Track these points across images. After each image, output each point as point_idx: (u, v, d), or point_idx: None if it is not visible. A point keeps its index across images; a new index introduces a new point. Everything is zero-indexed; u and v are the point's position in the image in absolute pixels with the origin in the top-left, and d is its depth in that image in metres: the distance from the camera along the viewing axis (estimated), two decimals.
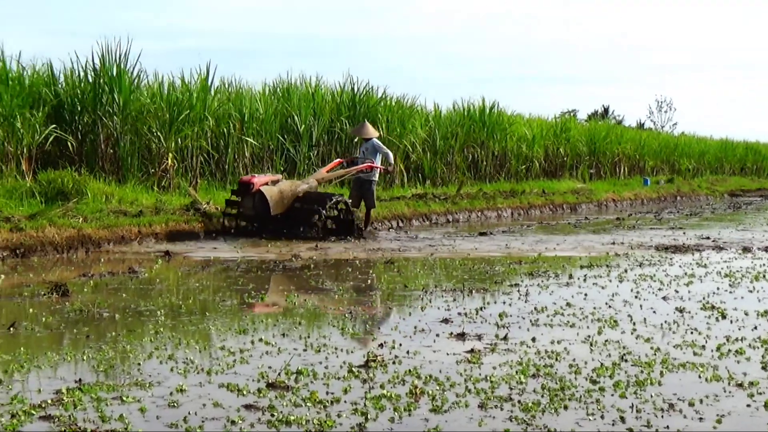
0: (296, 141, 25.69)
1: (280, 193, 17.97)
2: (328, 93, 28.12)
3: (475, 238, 19.43)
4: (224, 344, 8.22)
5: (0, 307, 10.19)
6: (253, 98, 25.09)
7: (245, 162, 24.10)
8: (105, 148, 20.87)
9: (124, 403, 6.29)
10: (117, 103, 20.88)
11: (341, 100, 27.65)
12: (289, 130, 25.75)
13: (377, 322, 9.63)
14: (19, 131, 18.91)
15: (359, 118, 27.14)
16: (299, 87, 27.21)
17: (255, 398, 6.48)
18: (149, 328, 8.89)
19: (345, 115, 27.11)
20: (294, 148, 25.62)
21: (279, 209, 17.95)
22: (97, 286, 11.78)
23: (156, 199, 19.19)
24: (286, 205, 18.12)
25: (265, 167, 24.56)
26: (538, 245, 18.03)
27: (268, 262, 14.49)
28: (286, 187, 18.24)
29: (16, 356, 7.58)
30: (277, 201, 17.84)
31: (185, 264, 14.25)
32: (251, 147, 24.20)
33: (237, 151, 23.94)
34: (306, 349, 8.07)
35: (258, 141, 24.36)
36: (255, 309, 10.33)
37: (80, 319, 9.39)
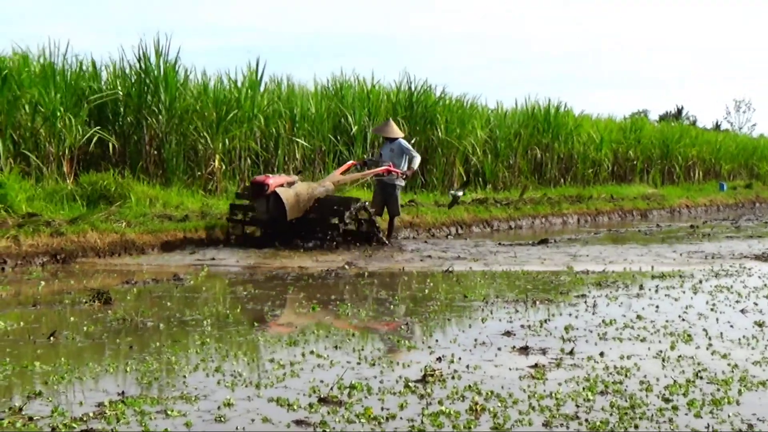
0: (350, 142, 25.74)
1: (297, 196, 17.18)
2: (384, 92, 28.15)
3: (532, 250, 19.20)
4: (274, 356, 8.24)
5: (40, 315, 10.29)
6: (305, 97, 25.17)
7: (296, 164, 24.17)
8: (149, 149, 21.06)
9: (169, 417, 6.31)
10: (162, 102, 21.06)
11: (397, 100, 27.70)
12: (343, 130, 25.81)
13: (435, 335, 9.59)
14: (60, 131, 19.12)
15: (416, 118, 27.21)
16: (353, 86, 27.24)
17: (306, 414, 6.48)
18: (195, 339, 8.94)
19: (402, 115, 27.11)
20: (347, 149, 25.65)
21: (295, 214, 17.16)
22: (141, 293, 11.88)
23: (202, 203, 19.31)
24: (302, 210, 17.39)
25: (317, 170, 24.65)
26: (606, 255, 17.91)
27: (312, 271, 14.53)
28: (303, 190, 17.44)
29: (57, 367, 7.65)
30: (294, 205, 17.05)
31: (229, 272, 14.32)
32: (302, 148, 24.26)
33: (287, 152, 24.02)
34: (360, 363, 8.07)
35: (309, 142, 24.43)
36: (305, 320, 10.35)
37: (123, 329, 9.46)
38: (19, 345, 8.57)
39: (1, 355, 8.01)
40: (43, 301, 11.15)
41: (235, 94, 22.80)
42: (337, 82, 27.32)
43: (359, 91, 26.91)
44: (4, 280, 12.80)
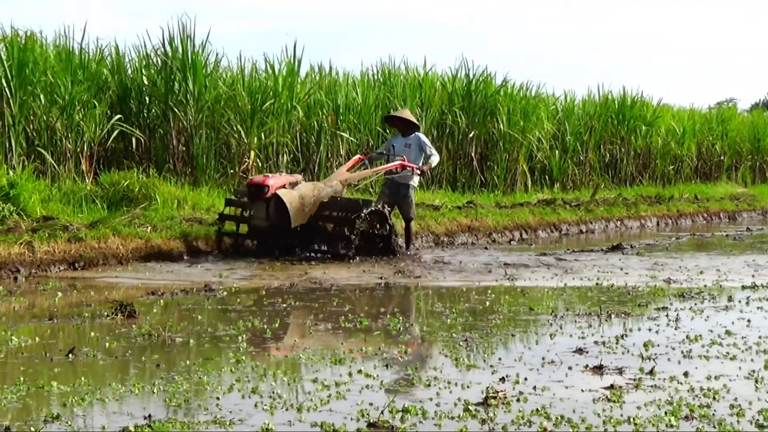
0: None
1: (301, 199, 16.38)
2: (438, 80, 28.13)
3: (606, 257, 19.10)
4: (317, 376, 8.25)
5: (57, 329, 10.38)
6: (350, 86, 25.16)
7: (340, 161, 24.18)
8: (177, 144, 21.16)
9: None
10: (190, 92, 21.11)
11: (454, 89, 27.63)
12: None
13: (498, 352, 9.57)
14: (79, 125, 19.26)
15: (475, 109, 27.19)
16: (404, 73, 27.24)
17: None
18: (229, 357, 8.97)
19: (458, 105, 27.12)
20: None
21: (300, 220, 16.45)
22: (168, 306, 11.96)
23: None
24: (307, 215, 16.61)
25: (363, 168, 24.63)
26: (690, 263, 17.81)
27: (355, 281, 14.55)
28: (308, 192, 16.64)
29: (76, 387, 7.70)
30: (298, 209, 16.28)
31: (264, 283, 14.38)
32: (347, 143, 24.26)
33: (330, 147, 24.03)
34: (413, 384, 8.06)
35: (355, 136, 24.41)
36: (352, 335, 10.36)
37: (149, 345, 9.52)
38: (35, 363, 8.63)
39: (15, 374, 8.08)
40: (61, 314, 11.24)
41: (271, 82, 22.85)
42: (386, 69, 27.33)
43: (411, 80, 26.91)
44: (17, 290, 12.92)
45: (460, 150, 27.39)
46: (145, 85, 21.43)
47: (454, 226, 21.33)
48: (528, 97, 29.74)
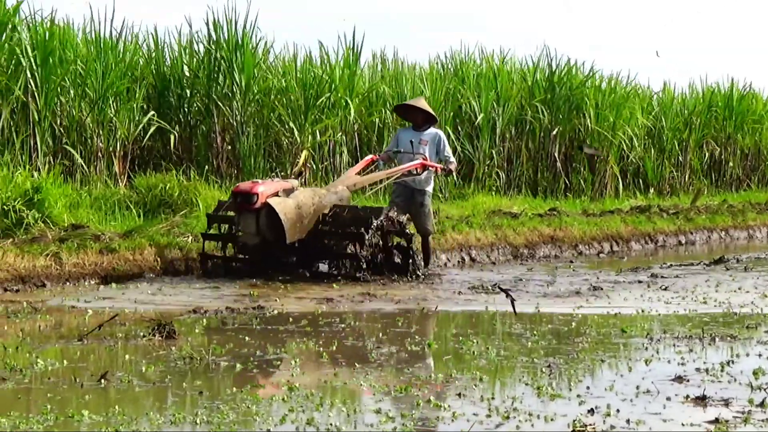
0: (473, 133, 25.72)
1: (298, 208, 15.41)
2: (516, 71, 28.09)
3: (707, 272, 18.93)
4: (380, 406, 8.24)
5: (87, 351, 10.46)
6: (416, 77, 25.15)
7: None
8: (221, 143, 21.25)
9: None
10: (237, 84, 21.20)
11: (534, 81, 27.57)
12: (464, 118, 25.83)
13: (585, 379, 9.53)
14: (111, 121, 19.40)
15: (559, 102, 27.12)
16: (478, 64, 27.22)
17: None
18: (280, 383, 9.00)
19: (539, 99, 27.12)
20: (471, 143, 25.63)
21: (297, 234, 15.47)
22: (212, 325, 11.99)
23: None
24: (306, 228, 15.64)
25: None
26: None
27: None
28: (307, 200, 15.67)
29: (110, 417, 7.74)
30: (294, 221, 15.30)
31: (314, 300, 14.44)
32: None
33: None
34: (490, 415, 8.03)
35: None
36: (419, 359, 10.35)
37: (190, 370, 9.56)
38: (63, 389, 8.69)
39: (41, 401, 8.14)
40: (91, 334, 11.32)
41: (327, 74, 22.90)
42: (457, 59, 27.32)
43: (485, 71, 26.87)
44: (44, 307, 13.01)
45: (541, 150, 27.36)
46: (185, 76, 21.56)
47: (535, 237, 21.27)
48: (619, 90, 29.59)
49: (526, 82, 27.72)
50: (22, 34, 18.94)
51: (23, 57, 18.44)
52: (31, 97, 18.42)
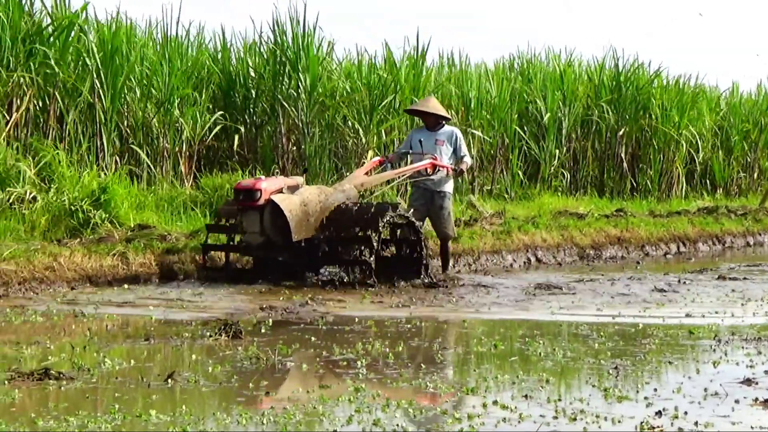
0: (539, 134, 25.68)
1: (304, 206, 14.61)
2: (582, 71, 28.02)
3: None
4: (446, 407, 8.23)
5: (154, 351, 10.51)
6: (482, 77, 25.13)
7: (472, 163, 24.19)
8: (286, 143, 21.30)
9: None
10: (303, 85, 21.25)
11: (600, 81, 27.48)
12: (530, 119, 25.82)
13: (652, 382, 9.47)
14: (177, 121, 19.50)
15: (625, 103, 26.98)
16: (544, 63, 27.19)
17: None
18: (347, 384, 8.99)
19: (605, 99, 27.07)
20: (537, 144, 25.58)
21: (303, 232, 14.62)
22: (278, 325, 12.02)
23: None
24: (313, 227, 14.80)
25: (498, 169, 24.61)
26: None
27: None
28: (312, 197, 14.90)
29: (176, 417, 7.76)
30: (301, 219, 14.48)
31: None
32: (479, 141, 24.23)
33: None
34: (557, 417, 7.99)
35: (488, 134, 24.39)
36: (485, 360, 10.34)
37: (257, 370, 9.58)
38: (130, 388, 8.73)
39: (108, 400, 8.18)
40: (158, 333, 11.38)
41: (392, 74, 22.92)
42: (524, 59, 27.28)
43: (551, 71, 26.83)
44: (110, 307, 13.08)
45: (608, 150, 27.28)
46: (251, 76, 21.62)
47: (602, 238, 21.20)
48: (686, 89, 29.41)
49: (592, 82, 27.63)
50: (89, 35, 19.07)
51: (89, 58, 18.58)
52: (98, 98, 18.55)
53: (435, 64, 25.30)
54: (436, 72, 24.88)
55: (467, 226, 19.31)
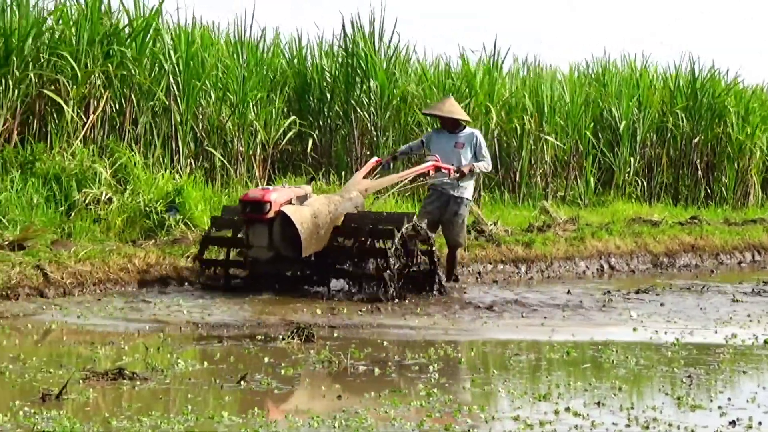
0: (614, 141, 25.56)
1: (315, 218, 13.50)
2: (658, 78, 27.87)
3: None
4: (518, 413, 8.20)
5: (226, 353, 10.54)
6: (557, 83, 25.06)
7: (544, 169, 24.12)
8: (360, 147, 21.34)
9: None
10: (374, 90, 21.30)
11: (676, 87, 27.31)
12: (605, 126, 25.73)
13: (726, 391, 9.39)
14: (252, 124, 19.59)
15: (701, 110, 26.78)
16: (619, 69, 27.08)
17: None
18: (418, 388, 9.00)
19: (681, 106, 26.83)
20: (611, 150, 25.48)
21: (314, 246, 13.57)
22: (351, 330, 12.05)
23: None
24: (323, 239, 13.77)
25: (571, 176, 24.52)
26: None
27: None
28: (323, 208, 13.78)
29: (249, 419, 7.79)
30: (312, 232, 13.42)
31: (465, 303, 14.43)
32: (553, 147, 24.16)
33: (533, 152, 23.95)
34: (629, 425, 7.95)
35: (562, 140, 24.31)
36: (557, 367, 10.30)
37: (329, 373, 9.62)
38: (203, 389, 8.78)
39: (181, 401, 8.23)
40: (231, 335, 11.45)
41: (467, 79, 22.93)
42: (599, 65, 27.19)
43: (626, 77, 26.70)
44: (183, 308, 13.14)
45: (682, 158, 27.09)
46: (325, 80, 21.69)
47: (676, 245, 21.05)
48: (764, 98, 29.15)
49: (667, 89, 27.47)
50: (165, 38, 19.20)
51: (165, 61, 18.72)
52: (173, 101, 18.68)
53: (510, 70, 25.25)
54: (511, 78, 24.82)
55: (540, 232, 19.23)
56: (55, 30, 17.99)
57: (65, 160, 16.50)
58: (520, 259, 18.17)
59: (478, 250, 17.81)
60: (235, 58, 20.24)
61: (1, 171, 16.00)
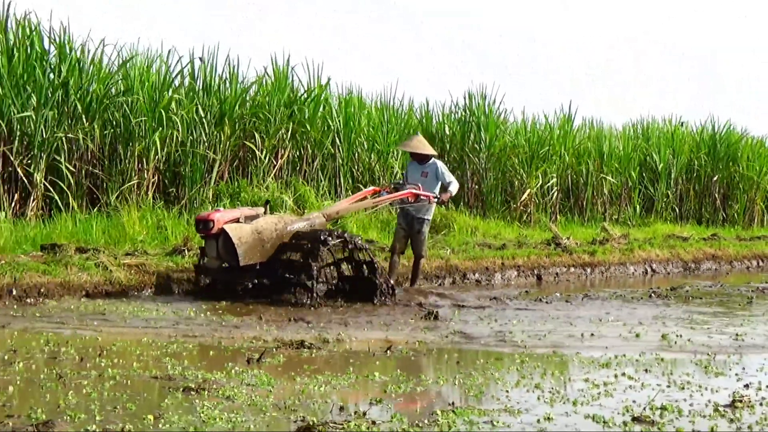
0: (654, 179, 25.34)
1: (257, 233, 12.12)
2: (688, 132, 27.68)
3: None
4: (588, 376, 8.15)
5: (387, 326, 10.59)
6: (613, 136, 25.02)
7: (603, 199, 23.97)
8: (470, 183, 21.38)
9: (495, 428, 6.33)
10: (483, 141, 21.41)
11: (701, 139, 27.05)
12: (648, 167, 25.51)
13: (741, 362, 9.20)
14: (392, 166, 19.76)
15: (719, 155, 26.46)
16: (659, 126, 26.94)
17: (620, 431, 6.38)
18: (515, 357, 8.96)
19: (704, 152, 26.57)
20: (652, 185, 25.27)
21: (254, 257, 12.09)
22: (466, 312, 12.04)
23: (518, 233, 19.40)
24: (267, 252, 12.25)
25: (623, 204, 24.35)
26: None
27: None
28: (268, 226, 12.31)
29: (394, 377, 7.83)
30: (251, 245, 12.01)
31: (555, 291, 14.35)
32: (609, 184, 24.04)
33: (595, 188, 23.84)
34: (669, 386, 7.86)
35: (616, 178, 24.18)
36: (619, 342, 10.16)
37: (451, 344, 9.62)
38: (360, 357, 8.83)
39: (345, 365, 8.28)
40: (383, 312, 11.75)
41: (548, 133, 22.95)
42: (644, 123, 27.07)
43: (664, 132, 26.54)
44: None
45: (705, 191, 26.75)
46: (446, 135, 21.79)
47: (700, 255, 20.76)
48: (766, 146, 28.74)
49: (694, 140, 27.18)
50: (332, 104, 19.42)
51: (331, 120, 18.92)
52: (337, 150, 18.90)
53: (579, 126, 25.16)
54: (580, 132, 24.73)
55: (600, 245, 19.05)
56: (256, 98, 18.25)
57: (261, 191, 16.73)
58: (586, 264, 17.99)
59: (556, 257, 17.68)
60: (381, 118, 20.40)
61: (217, 199, 16.27)
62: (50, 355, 8.23)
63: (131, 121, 15.83)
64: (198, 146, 16.57)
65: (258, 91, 18.28)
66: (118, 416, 6.25)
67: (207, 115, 16.82)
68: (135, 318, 10.60)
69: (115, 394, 6.86)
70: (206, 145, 16.69)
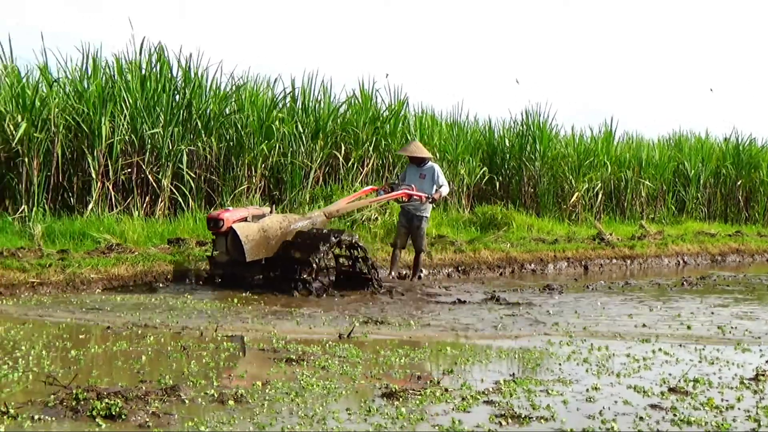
0: (686, 183, 24.93)
1: (262, 231, 11.37)
2: (715, 144, 27.20)
3: None
4: (629, 351, 8.02)
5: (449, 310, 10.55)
6: (650, 147, 24.67)
7: (641, 201, 23.61)
8: (527, 187, 21.21)
9: (550, 396, 6.27)
10: (538, 152, 21.22)
11: (726, 149, 26.54)
12: (680, 174, 25.08)
13: (764, 341, 8.98)
14: (461, 173, 19.64)
15: (742, 164, 25.91)
16: (690, 138, 26.52)
17: (659, 399, 6.26)
18: (566, 333, 8.84)
19: (729, 161, 26.00)
20: (684, 189, 24.86)
21: (260, 253, 11.36)
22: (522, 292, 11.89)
23: (568, 229, 19.18)
24: (273, 248, 11.49)
25: (658, 205, 23.95)
26: None
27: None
28: (273, 224, 11.55)
29: (463, 351, 7.79)
30: (257, 242, 11.27)
31: (595, 281, 14.14)
32: (646, 188, 23.67)
33: (634, 191, 23.50)
34: (701, 361, 7.69)
35: (653, 183, 23.80)
36: (650, 322, 9.99)
37: (513, 322, 9.53)
38: (439, 332, 8.80)
39: (422, 339, 8.26)
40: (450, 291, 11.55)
41: (593, 144, 22.68)
42: (677, 136, 26.66)
43: (695, 143, 26.10)
44: (419, 283, 13.16)
45: (730, 194, 26.13)
46: (506, 146, 21.63)
47: (726, 249, 20.30)
48: None
49: (721, 150, 26.63)
50: (409, 120, 19.36)
51: (409, 134, 18.83)
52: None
53: (620, 139, 24.82)
54: (621, 144, 24.40)
55: (639, 240, 18.73)
56: (346, 116, 18.25)
57: (349, 194, 16.71)
58: (627, 256, 17.69)
59: (600, 250, 17.44)
60: (451, 133, 20.30)
61: (313, 201, 16.30)
62: (175, 330, 8.31)
63: (242, 135, 16.00)
64: (297, 156, 16.63)
65: (347, 110, 18.28)
66: (231, 382, 6.29)
67: (305, 131, 16.87)
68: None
69: (229, 364, 6.91)
70: (304, 156, 16.74)
